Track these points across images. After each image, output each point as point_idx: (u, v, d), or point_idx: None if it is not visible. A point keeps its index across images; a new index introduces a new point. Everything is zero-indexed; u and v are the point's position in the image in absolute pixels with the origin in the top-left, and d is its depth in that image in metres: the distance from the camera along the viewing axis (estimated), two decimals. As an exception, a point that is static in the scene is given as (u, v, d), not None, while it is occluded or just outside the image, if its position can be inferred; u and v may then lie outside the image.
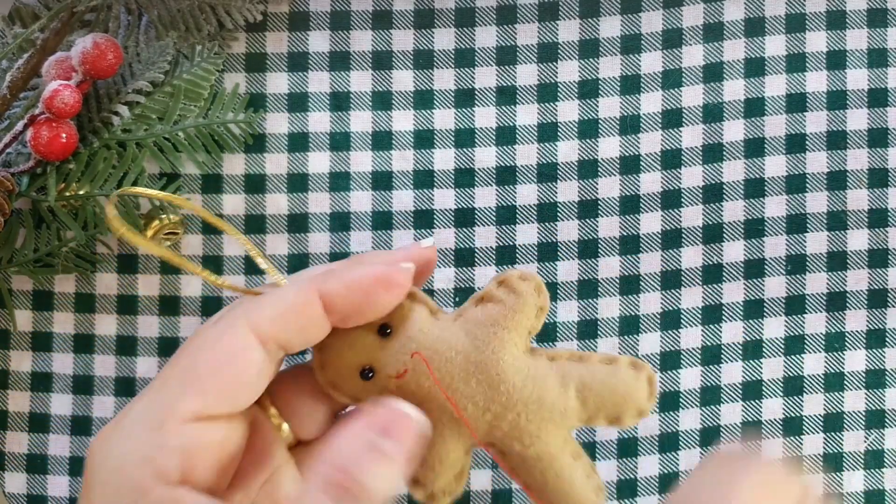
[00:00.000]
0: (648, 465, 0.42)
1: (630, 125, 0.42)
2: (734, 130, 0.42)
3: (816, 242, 0.42)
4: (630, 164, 0.42)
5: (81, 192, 0.40)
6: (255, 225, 0.42)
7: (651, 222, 0.42)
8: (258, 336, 0.30)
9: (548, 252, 0.42)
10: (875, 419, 0.42)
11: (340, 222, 0.42)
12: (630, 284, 0.42)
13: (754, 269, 0.42)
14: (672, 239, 0.42)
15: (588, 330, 0.42)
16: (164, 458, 0.28)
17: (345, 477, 0.29)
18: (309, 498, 0.29)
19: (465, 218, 0.42)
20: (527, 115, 0.42)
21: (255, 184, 0.42)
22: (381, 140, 0.42)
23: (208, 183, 0.42)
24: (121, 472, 0.28)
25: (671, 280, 0.42)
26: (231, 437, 0.30)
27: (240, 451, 0.30)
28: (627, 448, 0.42)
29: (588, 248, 0.42)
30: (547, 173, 0.42)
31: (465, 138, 0.42)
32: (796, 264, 0.42)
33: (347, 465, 0.29)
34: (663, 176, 0.42)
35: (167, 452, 0.28)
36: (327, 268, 0.32)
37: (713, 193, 0.42)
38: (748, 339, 0.42)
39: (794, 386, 0.42)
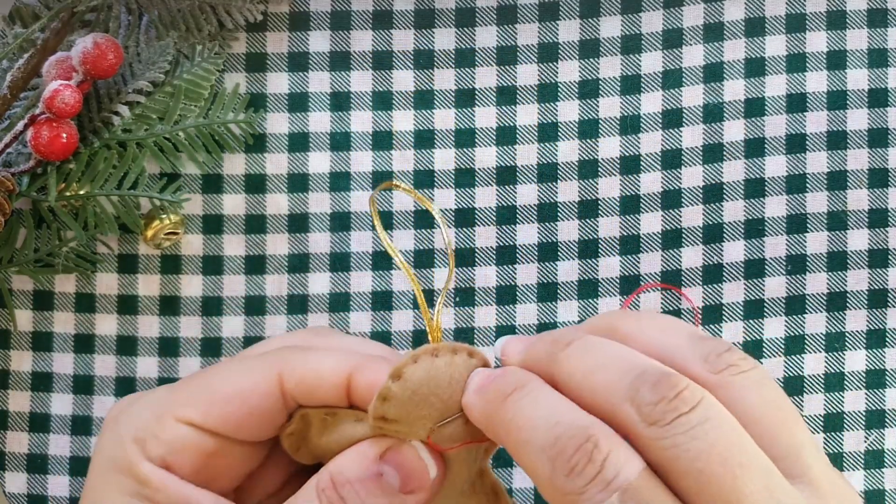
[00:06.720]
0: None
1: (630, 125, 0.42)
2: (734, 130, 0.42)
3: (816, 242, 0.42)
4: (630, 164, 0.42)
5: (82, 192, 0.40)
6: (255, 225, 0.42)
7: (651, 222, 0.42)
8: (284, 390, 0.32)
9: (548, 252, 0.42)
10: (875, 419, 0.42)
11: (340, 222, 0.42)
12: (630, 284, 0.42)
13: (754, 269, 0.42)
14: (672, 239, 0.42)
15: (588, 330, 0.42)
16: (153, 445, 0.31)
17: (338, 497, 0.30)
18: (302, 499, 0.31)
19: (465, 218, 0.42)
20: (527, 115, 0.42)
21: (255, 184, 0.42)
22: (382, 140, 0.42)
23: (208, 183, 0.42)
24: (120, 440, 0.32)
25: (671, 280, 0.42)
26: (228, 452, 0.32)
27: (239, 468, 0.33)
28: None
29: (588, 248, 0.42)
30: (547, 173, 0.42)
31: (465, 138, 0.42)
32: (796, 264, 0.42)
33: (345, 484, 0.30)
34: (663, 176, 0.42)
35: (156, 442, 0.31)
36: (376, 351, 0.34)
37: (713, 193, 0.42)
38: (748, 339, 0.42)
39: (794, 386, 0.42)
